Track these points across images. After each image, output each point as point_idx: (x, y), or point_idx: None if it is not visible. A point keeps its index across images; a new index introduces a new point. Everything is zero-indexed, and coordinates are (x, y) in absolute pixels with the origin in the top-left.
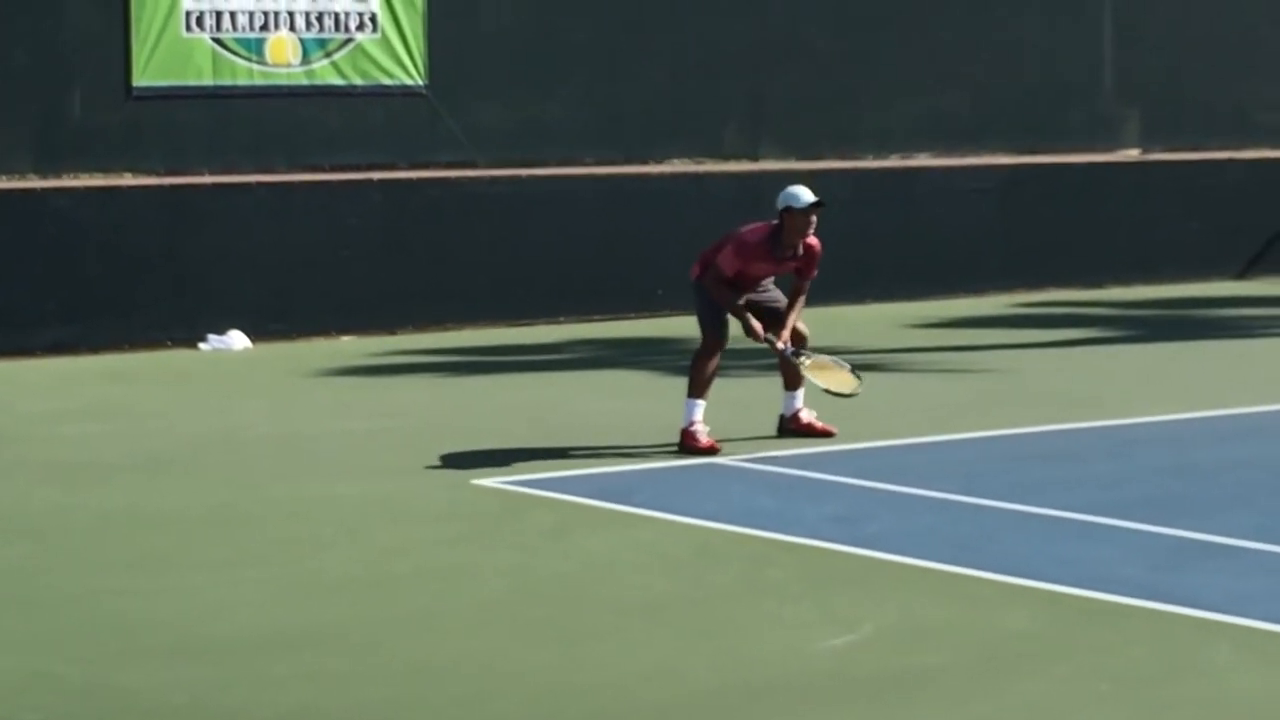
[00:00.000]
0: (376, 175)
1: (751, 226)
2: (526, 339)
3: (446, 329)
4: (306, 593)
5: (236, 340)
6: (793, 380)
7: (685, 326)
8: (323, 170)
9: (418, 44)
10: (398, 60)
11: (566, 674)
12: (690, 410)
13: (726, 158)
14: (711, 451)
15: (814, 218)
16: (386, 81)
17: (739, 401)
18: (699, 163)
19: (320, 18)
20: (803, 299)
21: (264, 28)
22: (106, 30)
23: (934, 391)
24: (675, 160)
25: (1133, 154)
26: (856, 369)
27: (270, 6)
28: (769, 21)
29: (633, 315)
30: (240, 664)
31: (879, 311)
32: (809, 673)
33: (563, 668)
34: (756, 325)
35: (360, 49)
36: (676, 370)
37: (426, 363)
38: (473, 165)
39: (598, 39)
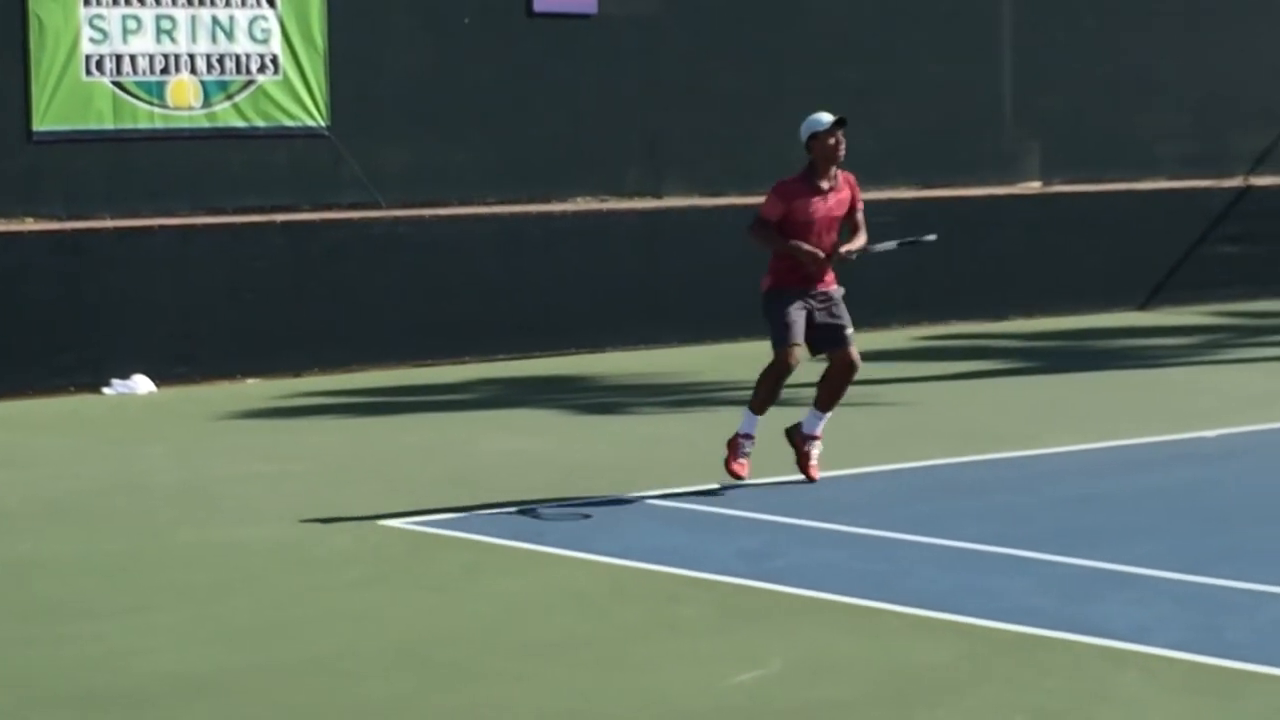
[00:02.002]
0: (279, 217)
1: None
2: (432, 379)
3: (351, 371)
4: (213, 639)
5: (140, 385)
6: (825, 401)
7: (591, 365)
8: (225, 213)
9: (319, 86)
10: (299, 102)
11: (479, 715)
12: (743, 422)
13: (629, 196)
14: (735, 476)
15: (840, 135)
16: (288, 123)
17: (648, 438)
18: (602, 201)
19: (221, 60)
20: (862, 228)
21: (165, 71)
22: (5, 75)
23: (840, 426)
24: (578, 199)
25: (1034, 186)
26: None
27: (171, 50)
28: (670, 60)
29: (539, 354)
30: (148, 712)
31: None
32: (720, 709)
33: (475, 710)
34: (809, 247)
35: (262, 91)
36: (583, 409)
37: (332, 405)
38: (376, 206)
39: (499, 79)
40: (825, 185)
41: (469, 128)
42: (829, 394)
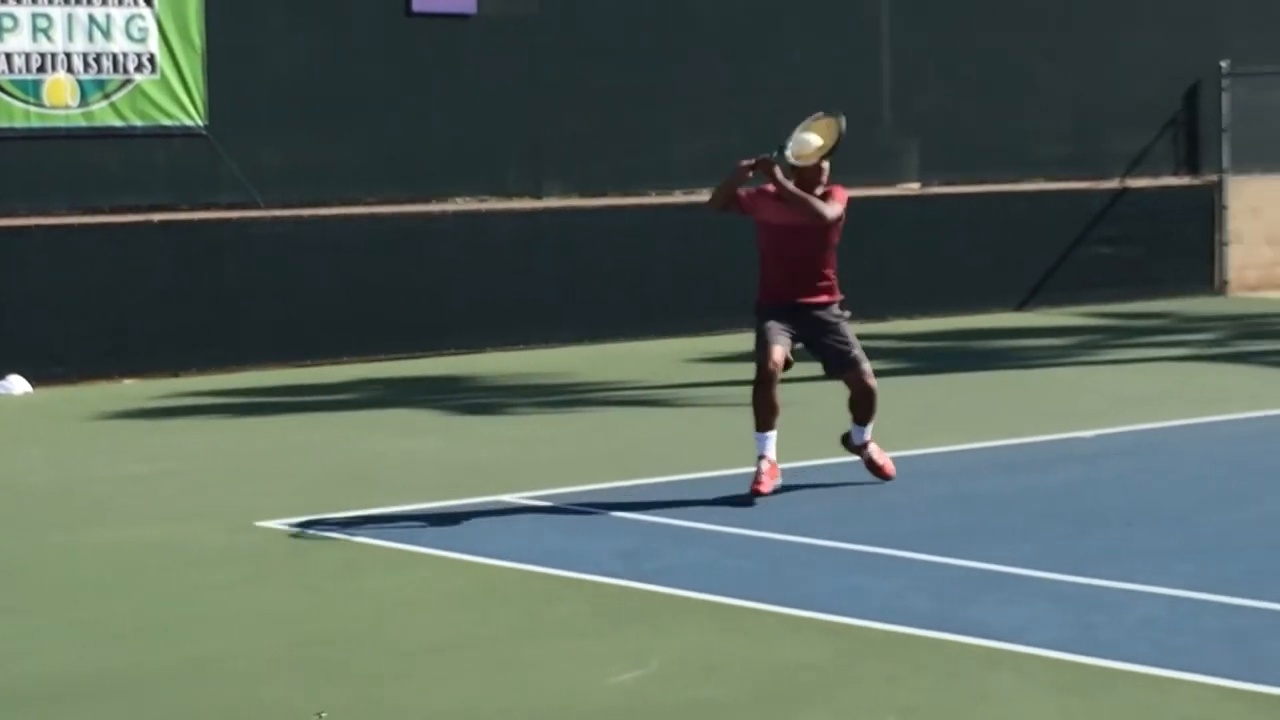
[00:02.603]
0: (157, 217)
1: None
2: (311, 379)
3: (230, 371)
4: (91, 640)
5: (16, 385)
6: (862, 418)
7: (471, 365)
8: (103, 212)
9: (197, 85)
10: (177, 101)
11: (357, 716)
12: (758, 444)
13: (510, 196)
14: (754, 494)
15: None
16: (166, 122)
17: (526, 438)
18: (482, 201)
19: (98, 59)
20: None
21: (41, 69)
22: None
23: (717, 426)
24: (458, 199)
25: (912, 187)
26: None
27: (47, 48)
28: (550, 60)
29: (418, 354)
30: (25, 714)
31: (662, 347)
32: (598, 709)
33: (353, 710)
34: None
35: (139, 90)
36: (462, 409)
37: (210, 405)
38: (255, 206)
39: (379, 79)
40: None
41: (348, 127)
42: (861, 412)
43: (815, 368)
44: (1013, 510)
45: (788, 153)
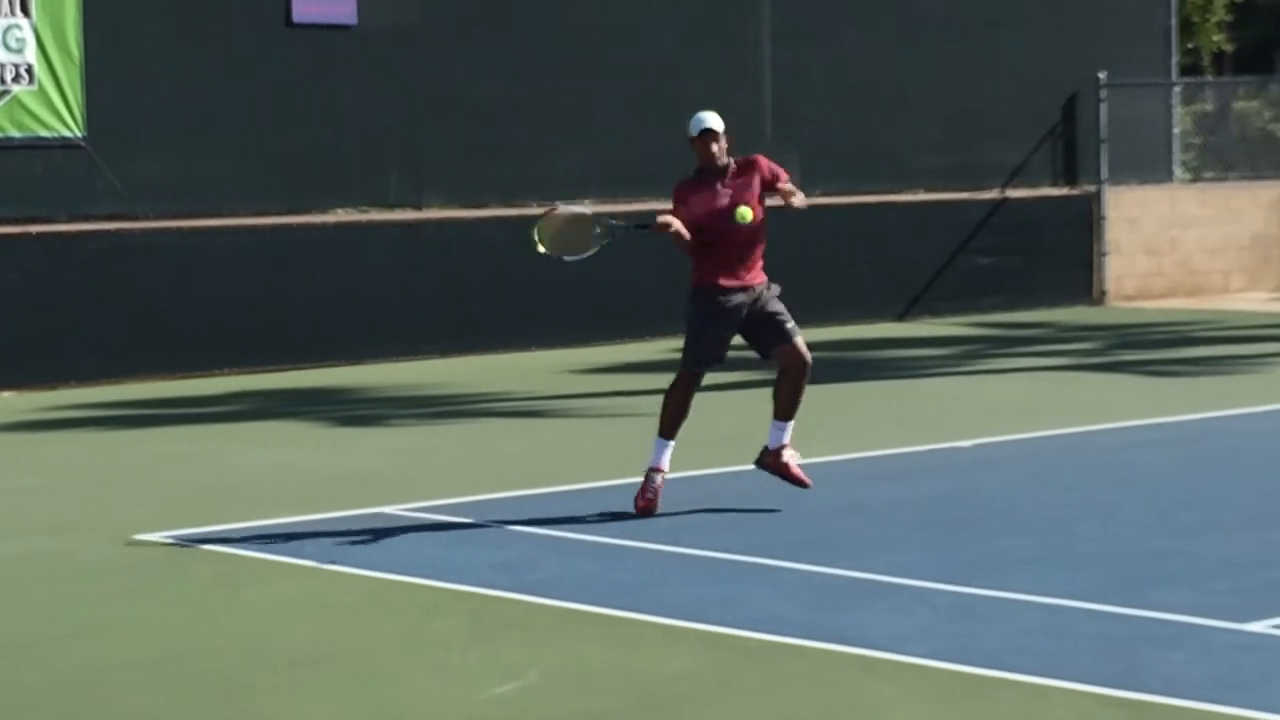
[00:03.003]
0: (35, 228)
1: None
2: (190, 392)
3: (108, 383)
4: None
5: None
6: (785, 409)
7: (351, 376)
8: None
9: (76, 96)
10: (55, 112)
11: None
12: (656, 451)
13: (390, 207)
14: (644, 513)
15: (713, 143)
16: (44, 134)
17: (406, 450)
18: (363, 212)
19: None
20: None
21: None
22: None
23: (597, 437)
24: (338, 210)
25: None
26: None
27: None
28: (429, 71)
29: (298, 366)
30: None
31: (542, 358)
32: None
33: None
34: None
35: (16, 101)
36: (342, 421)
37: (88, 417)
38: (134, 218)
39: (259, 89)
40: (723, 177)
41: (228, 138)
42: (787, 399)
43: (668, 381)
44: (891, 520)
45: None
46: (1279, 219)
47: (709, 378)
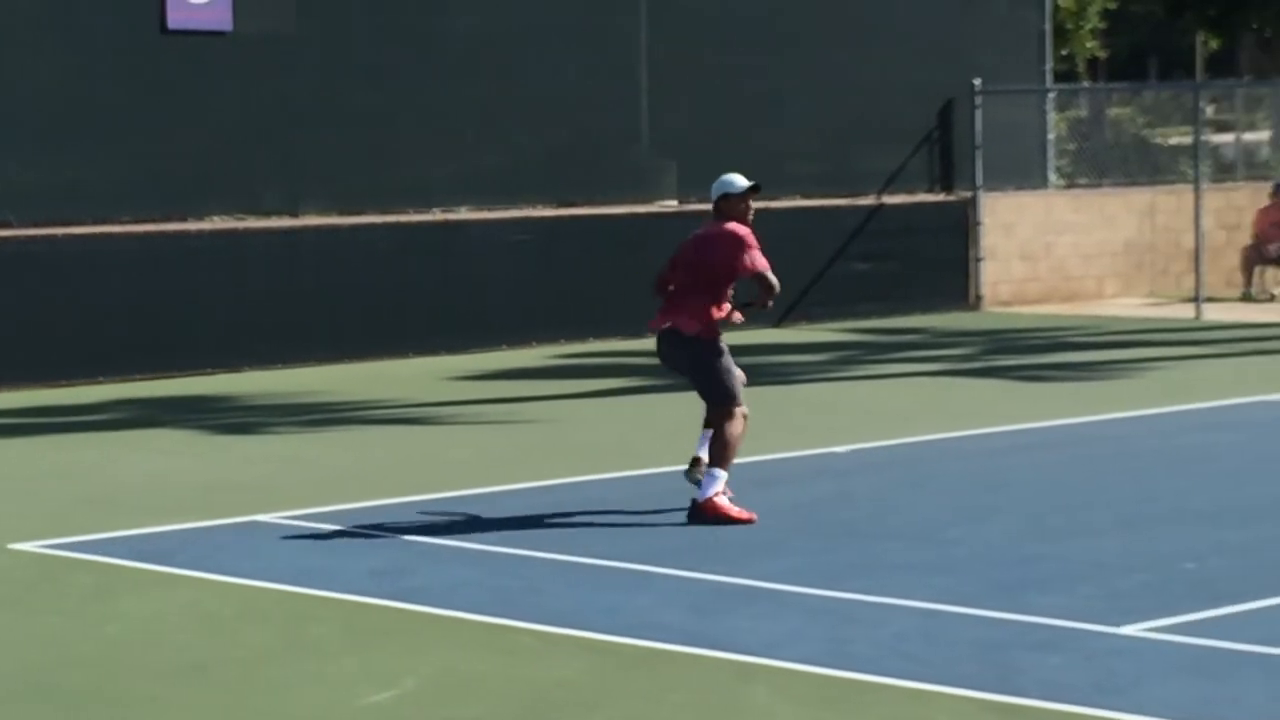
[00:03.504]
0: None
1: (729, 225)
2: (67, 400)
3: None
4: None
5: None
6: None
7: (228, 384)
8: None
9: None
10: None
11: None
12: (716, 483)
13: (267, 214)
14: (750, 520)
15: (751, 203)
16: None
17: (282, 457)
18: (239, 220)
19: None
20: None
21: None
22: None
23: (475, 443)
24: (215, 218)
25: (671, 204)
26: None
27: None
28: (305, 78)
29: (175, 374)
30: None
31: (420, 365)
32: None
33: None
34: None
35: None
36: (219, 429)
37: None
38: (7, 225)
39: (134, 96)
40: None
41: (103, 145)
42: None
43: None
44: (768, 525)
45: None
46: (1152, 225)
47: (590, 384)
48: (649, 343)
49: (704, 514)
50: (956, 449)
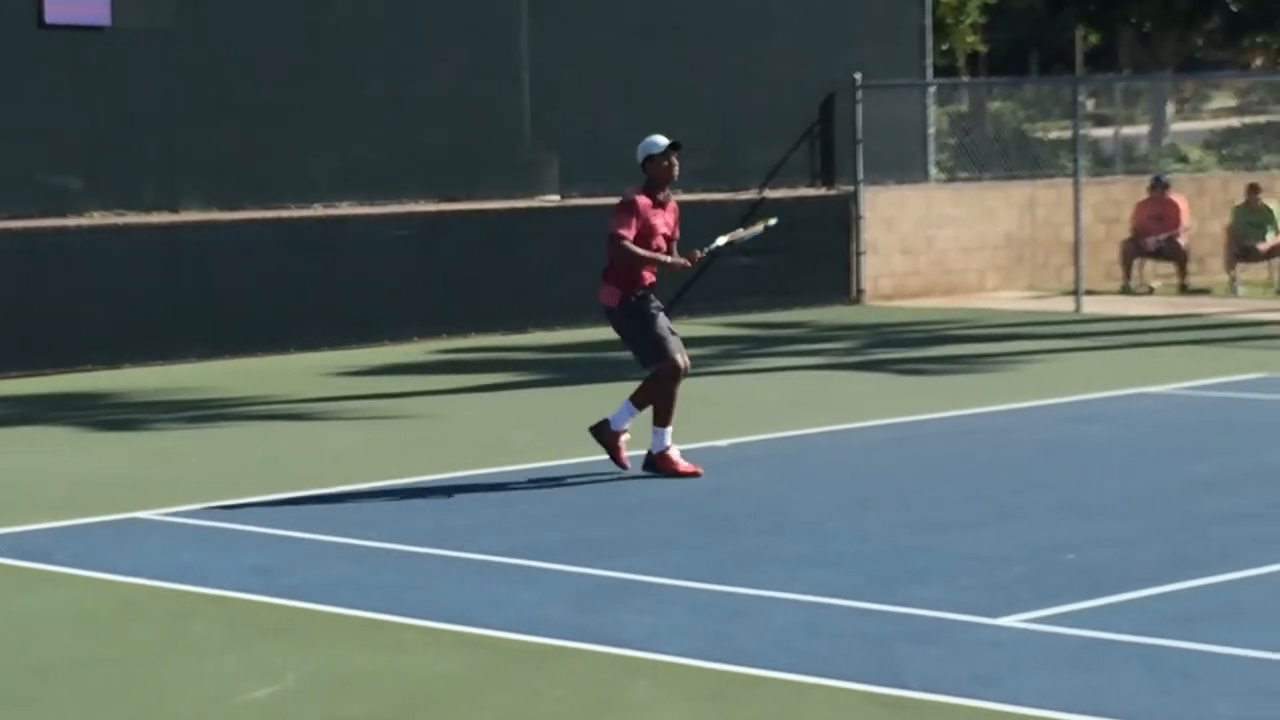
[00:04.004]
0: None
1: (626, 192)
2: None
3: None
4: None
5: None
6: (662, 416)
7: (108, 381)
8: None
9: None
10: None
11: None
12: (662, 438)
13: (147, 210)
14: (695, 474)
15: (674, 159)
16: None
17: (162, 453)
18: (119, 215)
19: None
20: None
21: None
22: None
23: (357, 439)
24: (94, 213)
25: (553, 199)
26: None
27: None
28: (186, 72)
29: (53, 371)
30: None
31: (301, 361)
32: None
33: None
34: (670, 259)
35: None
36: (98, 425)
37: None
38: None
39: (10, 91)
40: (662, 198)
41: None
42: (662, 408)
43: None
44: (650, 520)
45: (719, 241)
46: (1032, 219)
47: (471, 379)
48: (531, 338)
49: (655, 466)
50: (837, 443)
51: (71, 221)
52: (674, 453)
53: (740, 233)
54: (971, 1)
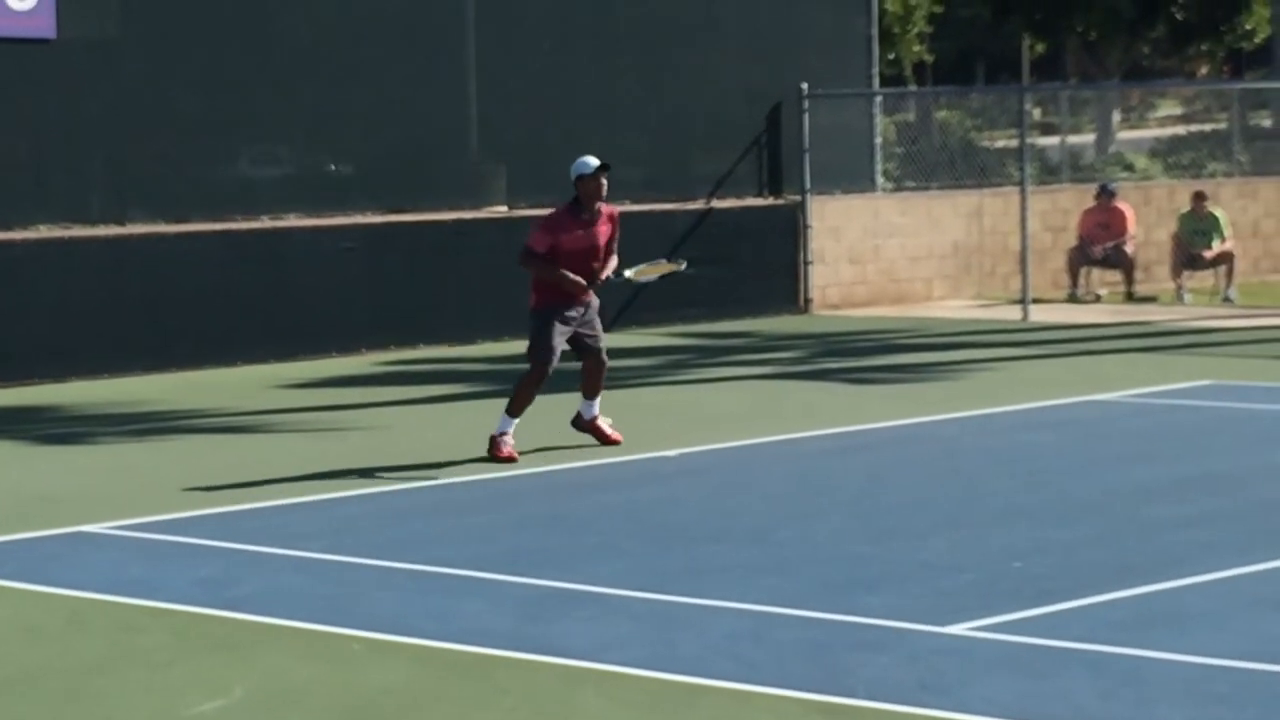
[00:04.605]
0: None
1: (556, 208)
2: None
3: None
4: None
5: None
6: (590, 390)
7: (53, 394)
8: None
9: None
10: None
11: None
12: (504, 424)
13: (94, 223)
14: (510, 460)
15: (604, 180)
16: None
17: (108, 467)
18: (65, 228)
19: None
20: (614, 255)
21: None
22: None
23: (303, 451)
24: (40, 227)
25: (500, 210)
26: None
27: None
28: (132, 85)
29: None
30: None
31: (248, 374)
32: None
33: None
34: (576, 278)
35: None
36: (44, 439)
37: None
38: None
39: None
40: (587, 218)
41: None
42: (591, 386)
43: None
44: (596, 529)
45: (627, 273)
46: (979, 227)
47: (418, 391)
48: (479, 349)
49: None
50: (785, 451)
51: (18, 235)
52: (508, 440)
53: (647, 271)
54: (918, 11)
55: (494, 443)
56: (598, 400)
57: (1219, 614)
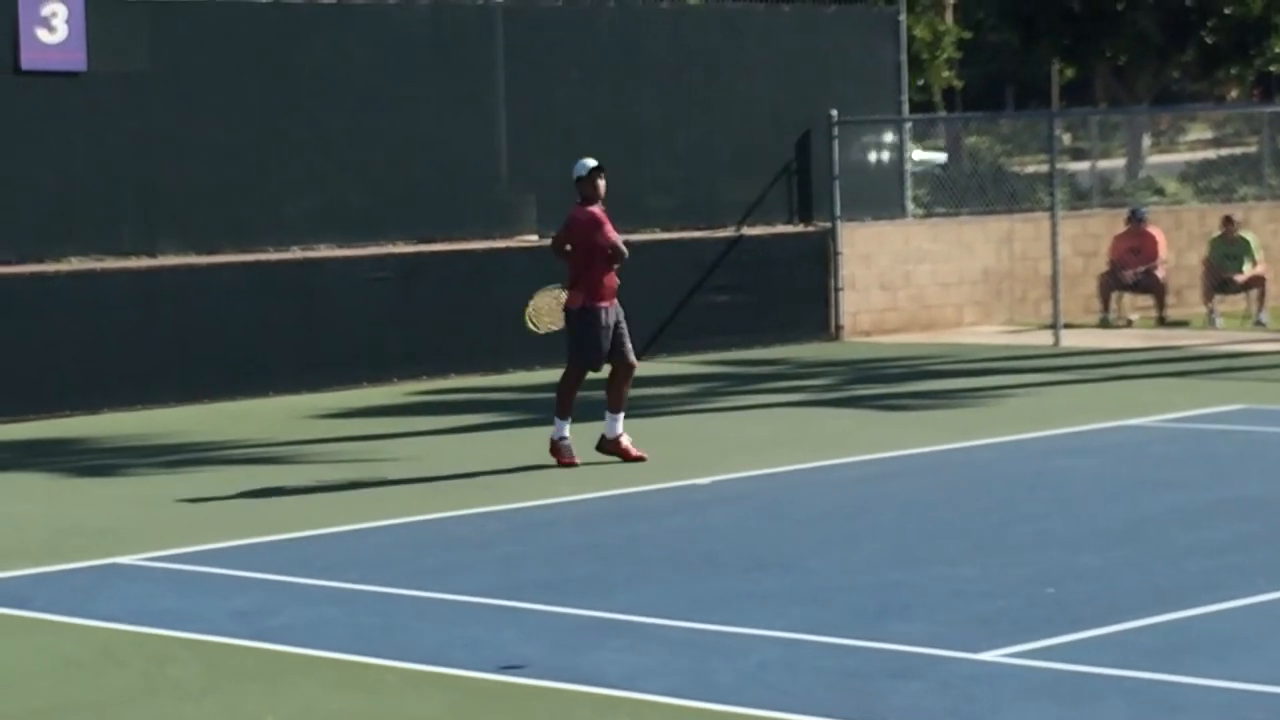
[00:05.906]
0: None
1: (581, 210)
2: None
3: None
4: None
5: None
6: (615, 400)
7: (87, 426)
8: None
9: None
10: None
11: None
12: (559, 428)
13: (125, 255)
14: (571, 466)
15: (601, 180)
16: None
17: (142, 499)
18: (97, 260)
19: None
20: None
21: None
22: None
23: (335, 481)
24: (71, 259)
25: (531, 239)
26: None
27: None
28: (162, 116)
29: (33, 417)
30: None
31: (280, 404)
32: None
33: None
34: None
35: None
36: (77, 471)
37: None
38: None
39: None
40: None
41: None
42: (616, 396)
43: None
44: (630, 558)
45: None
46: (1010, 253)
47: (451, 421)
48: (510, 378)
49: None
50: (817, 479)
51: (50, 267)
52: (567, 443)
53: (545, 313)
54: (946, 37)
55: (555, 448)
56: (621, 416)
57: (1254, 639)
